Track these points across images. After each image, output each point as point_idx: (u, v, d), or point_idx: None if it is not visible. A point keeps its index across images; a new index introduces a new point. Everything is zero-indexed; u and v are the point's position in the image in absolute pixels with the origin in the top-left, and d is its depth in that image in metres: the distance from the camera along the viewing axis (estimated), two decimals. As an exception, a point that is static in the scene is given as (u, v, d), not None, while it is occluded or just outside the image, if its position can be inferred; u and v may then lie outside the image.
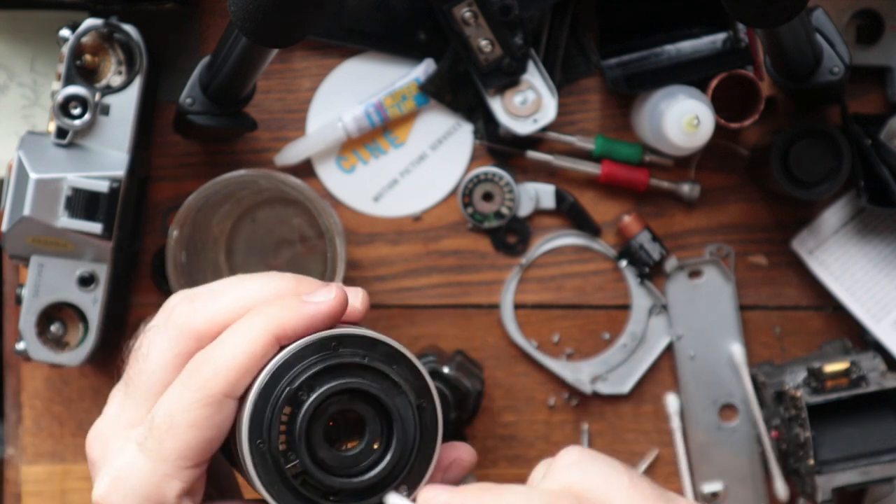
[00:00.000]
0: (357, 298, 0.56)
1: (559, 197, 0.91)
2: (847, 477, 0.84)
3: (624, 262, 0.91)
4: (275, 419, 0.52)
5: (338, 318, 0.54)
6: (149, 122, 0.87)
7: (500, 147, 0.90)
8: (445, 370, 0.85)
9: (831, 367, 0.84)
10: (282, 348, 0.53)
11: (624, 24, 0.88)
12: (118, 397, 0.56)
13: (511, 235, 0.91)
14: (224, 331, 0.54)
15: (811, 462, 0.84)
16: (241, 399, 0.53)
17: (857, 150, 0.85)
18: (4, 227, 0.81)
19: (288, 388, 0.52)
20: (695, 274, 0.91)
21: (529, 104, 0.87)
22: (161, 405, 0.53)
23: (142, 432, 0.53)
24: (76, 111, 0.81)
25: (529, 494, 0.52)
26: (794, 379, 0.86)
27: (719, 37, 0.88)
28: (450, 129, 0.91)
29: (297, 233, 0.90)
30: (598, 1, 0.89)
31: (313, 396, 0.52)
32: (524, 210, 0.91)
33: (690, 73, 0.87)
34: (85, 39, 0.81)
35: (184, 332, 0.54)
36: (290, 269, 0.89)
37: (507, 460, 0.91)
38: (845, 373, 0.83)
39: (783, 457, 0.88)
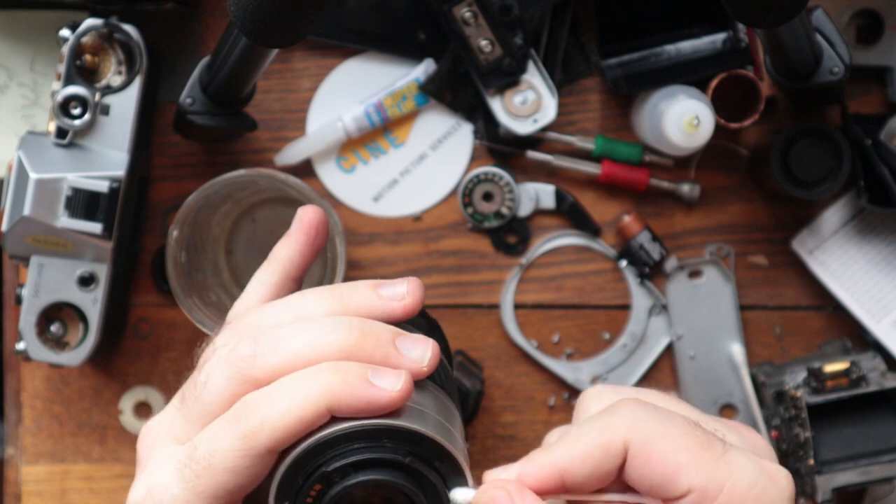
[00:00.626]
0: (425, 357, 0.55)
1: (559, 197, 0.91)
2: (847, 477, 0.84)
3: (624, 262, 0.91)
4: (304, 490, 0.52)
5: (396, 408, 0.53)
6: (149, 122, 0.87)
7: (500, 147, 0.90)
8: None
9: (831, 367, 0.84)
10: (332, 418, 0.52)
11: (624, 24, 0.88)
12: (174, 407, 0.56)
13: (511, 235, 0.91)
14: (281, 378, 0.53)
15: (811, 462, 0.84)
16: (282, 453, 0.53)
17: (857, 150, 0.85)
18: (4, 227, 0.81)
19: (323, 468, 0.52)
20: (695, 274, 0.91)
21: (529, 104, 0.87)
22: (204, 440, 0.53)
23: (182, 458, 0.53)
24: (76, 111, 0.81)
25: (583, 427, 0.53)
26: (794, 379, 0.86)
27: (719, 37, 0.88)
28: (450, 129, 0.91)
29: (297, 233, 0.90)
30: (598, 1, 0.89)
31: (347, 483, 0.52)
32: (524, 210, 0.91)
33: (690, 73, 0.87)
34: (85, 39, 0.81)
35: (242, 375, 0.54)
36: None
37: (507, 460, 0.90)
38: (845, 373, 0.83)
39: (783, 457, 0.88)
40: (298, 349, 0.53)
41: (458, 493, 0.54)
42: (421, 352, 0.55)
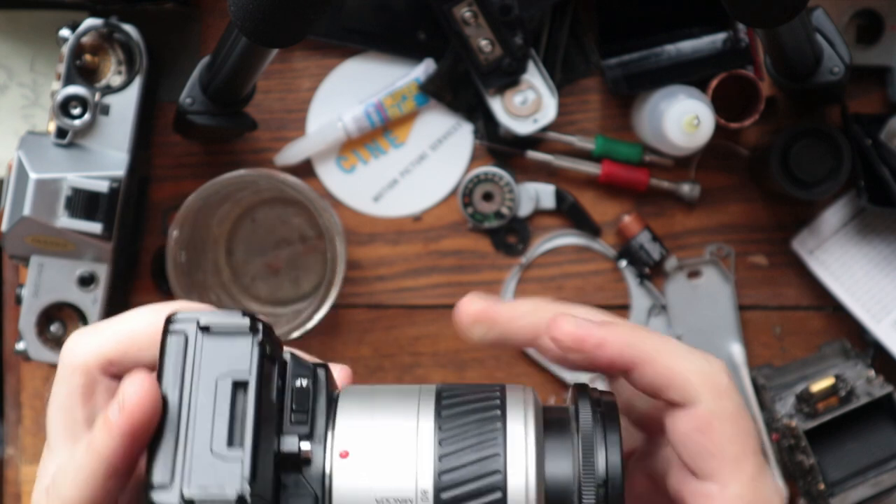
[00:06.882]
0: None
1: (559, 197, 0.91)
2: (859, 493, 0.83)
3: (624, 262, 0.91)
4: None
5: None
6: (149, 122, 0.87)
7: (500, 147, 0.90)
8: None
9: (817, 387, 0.83)
10: None
11: (624, 24, 0.88)
12: None
13: (511, 235, 0.91)
14: None
15: (822, 486, 0.83)
16: None
17: (857, 150, 0.85)
18: (4, 227, 0.81)
19: None
20: (694, 274, 0.91)
21: (529, 104, 0.87)
22: None
23: None
24: (76, 111, 0.81)
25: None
26: (785, 406, 0.85)
27: (719, 37, 0.88)
28: (450, 129, 0.91)
29: (297, 233, 0.90)
30: (598, 1, 0.89)
31: None
32: (524, 210, 0.91)
33: (690, 73, 0.87)
34: (85, 39, 0.81)
35: None
36: (290, 269, 0.90)
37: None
38: (833, 390, 0.83)
39: (791, 481, 0.88)
40: None
41: None
42: None
